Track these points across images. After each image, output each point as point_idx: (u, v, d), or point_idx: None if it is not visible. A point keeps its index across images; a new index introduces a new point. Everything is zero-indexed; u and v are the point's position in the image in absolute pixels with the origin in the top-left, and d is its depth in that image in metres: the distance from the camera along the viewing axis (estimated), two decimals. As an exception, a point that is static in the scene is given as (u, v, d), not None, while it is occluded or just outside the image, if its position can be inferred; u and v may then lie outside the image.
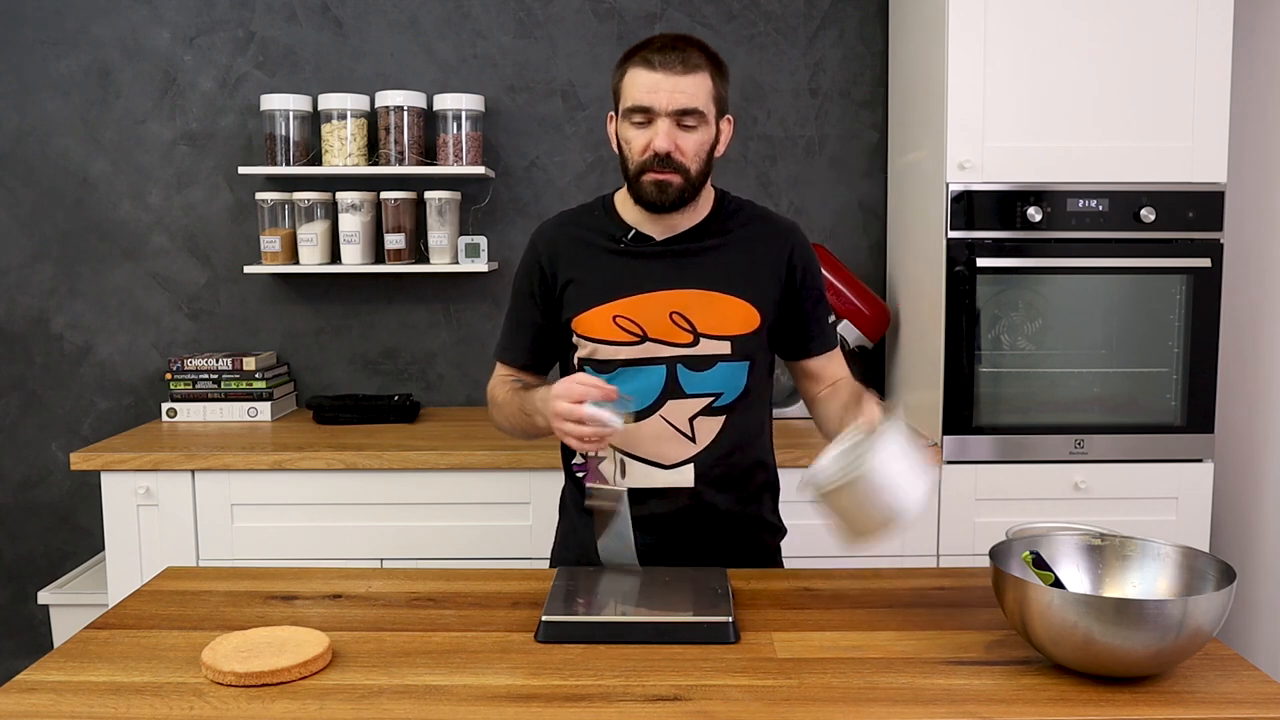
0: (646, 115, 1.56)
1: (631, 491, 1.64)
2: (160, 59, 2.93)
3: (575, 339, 1.68)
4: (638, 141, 1.58)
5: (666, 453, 1.64)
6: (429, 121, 2.85)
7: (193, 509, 2.42)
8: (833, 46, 2.93)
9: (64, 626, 2.68)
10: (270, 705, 1.17)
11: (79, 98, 2.93)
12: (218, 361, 2.78)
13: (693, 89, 1.55)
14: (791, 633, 1.37)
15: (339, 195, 2.82)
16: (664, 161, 1.56)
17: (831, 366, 1.75)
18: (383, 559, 2.41)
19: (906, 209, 2.77)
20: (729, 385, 1.65)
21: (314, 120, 2.85)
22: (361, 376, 3.01)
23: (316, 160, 2.86)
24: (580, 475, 1.72)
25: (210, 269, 2.98)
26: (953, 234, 2.41)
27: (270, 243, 2.82)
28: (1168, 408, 2.49)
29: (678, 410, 1.64)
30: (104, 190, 2.96)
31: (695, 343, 1.63)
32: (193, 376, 2.79)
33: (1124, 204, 2.40)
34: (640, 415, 1.64)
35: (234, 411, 2.79)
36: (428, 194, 2.82)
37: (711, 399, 1.64)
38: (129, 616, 1.45)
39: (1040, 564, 1.30)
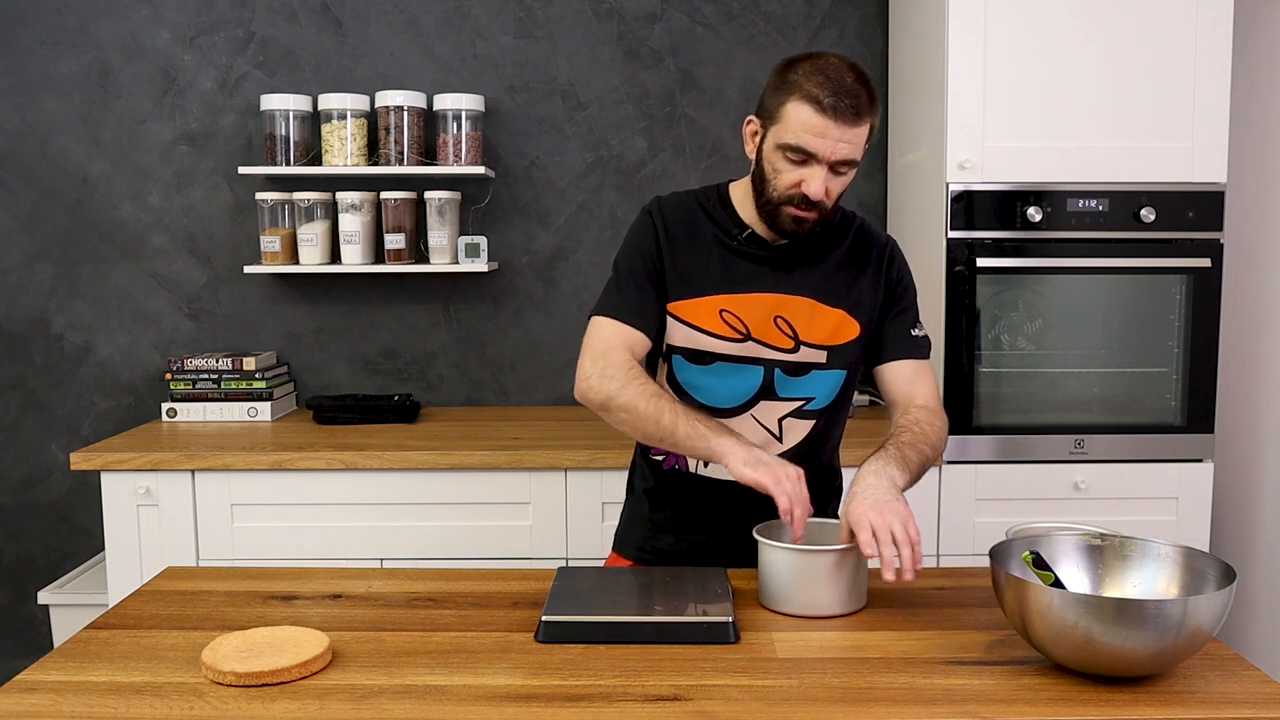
0: (805, 156, 1.53)
1: (710, 482, 1.67)
2: (160, 59, 2.93)
3: (672, 325, 1.65)
4: (787, 176, 1.55)
5: None
6: (429, 121, 2.85)
7: (193, 509, 2.42)
8: (833, 47, 2.93)
9: (64, 626, 2.68)
10: (270, 705, 1.17)
11: (79, 98, 2.93)
12: (218, 361, 2.78)
13: (858, 139, 1.53)
14: (791, 633, 1.37)
15: (339, 195, 2.82)
16: (809, 203, 1.54)
17: (914, 383, 1.68)
18: (383, 559, 2.41)
19: (906, 209, 2.77)
20: (822, 392, 1.66)
21: (314, 120, 2.85)
22: (361, 376, 3.01)
23: (316, 160, 2.86)
24: (659, 458, 1.73)
25: (210, 269, 2.98)
26: (953, 234, 2.41)
27: (270, 243, 2.82)
28: (1168, 408, 2.49)
29: (769, 410, 1.65)
30: (104, 190, 2.96)
31: (796, 349, 1.63)
32: (193, 376, 2.79)
33: (1124, 204, 2.40)
34: (734, 411, 1.65)
35: (234, 411, 2.79)
36: (428, 194, 2.82)
37: (803, 403, 1.66)
38: (129, 616, 1.45)
39: (1040, 564, 1.30)
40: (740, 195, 1.68)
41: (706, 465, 1.68)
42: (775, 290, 1.63)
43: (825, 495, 1.75)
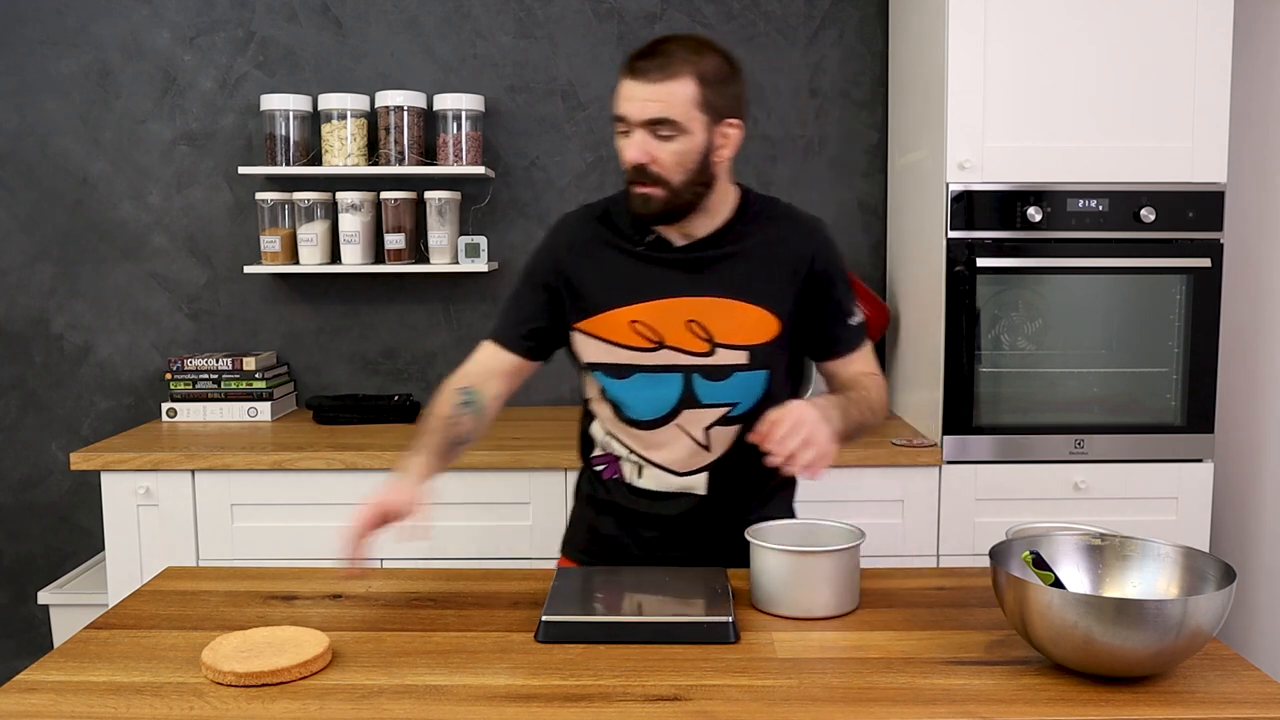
0: (625, 125, 1.52)
1: (647, 492, 1.66)
2: (160, 59, 2.93)
3: (585, 341, 1.64)
4: (622, 153, 1.54)
5: (681, 460, 1.63)
6: (429, 121, 2.85)
7: (193, 509, 2.42)
8: (833, 46, 2.93)
9: (64, 626, 2.68)
10: (270, 705, 1.17)
11: (79, 98, 2.93)
12: (218, 361, 2.78)
13: (664, 97, 1.48)
14: (791, 633, 1.37)
15: (339, 195, 2.82)
16: (642, 173, 1.51)
17: (854, 366, 1.70)
18: (383, 559, 2.41)
19: (906, 209, 2.77)
20: (746, 394, 1.62)
21: (314, 120, 2.85)
22: (361, 376, 3.01)
23: (316, 160, 2.86)
24: (600, 469, 1.72)
25: (210, 269, 2.98)
26: (953, 234, 2.41)
27: (270, 243, 2.82)
28: (1168, 408, 2.49)
29: (693, 420, 1.62)
30: (104, 190, 2.96)
31: (712, 352, 1.60)
32: (193, 376, 2.79)
33: (1124, 204, 2.40)
34: (657, 423, 1.63)
35: (234, 411, 2.79)
36: (428, 194, 2.82)
37: (728, 409, 1.62)
38: (129, 616, 1.45)
39: (1040, 564, 1.30)
40: None
41: (641, 475, 1.66)
42: (686, 293, 1.59)
43: (772, 493, 1.71)
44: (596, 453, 1.72)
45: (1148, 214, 2.39)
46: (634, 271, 1.61)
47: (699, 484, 1.64)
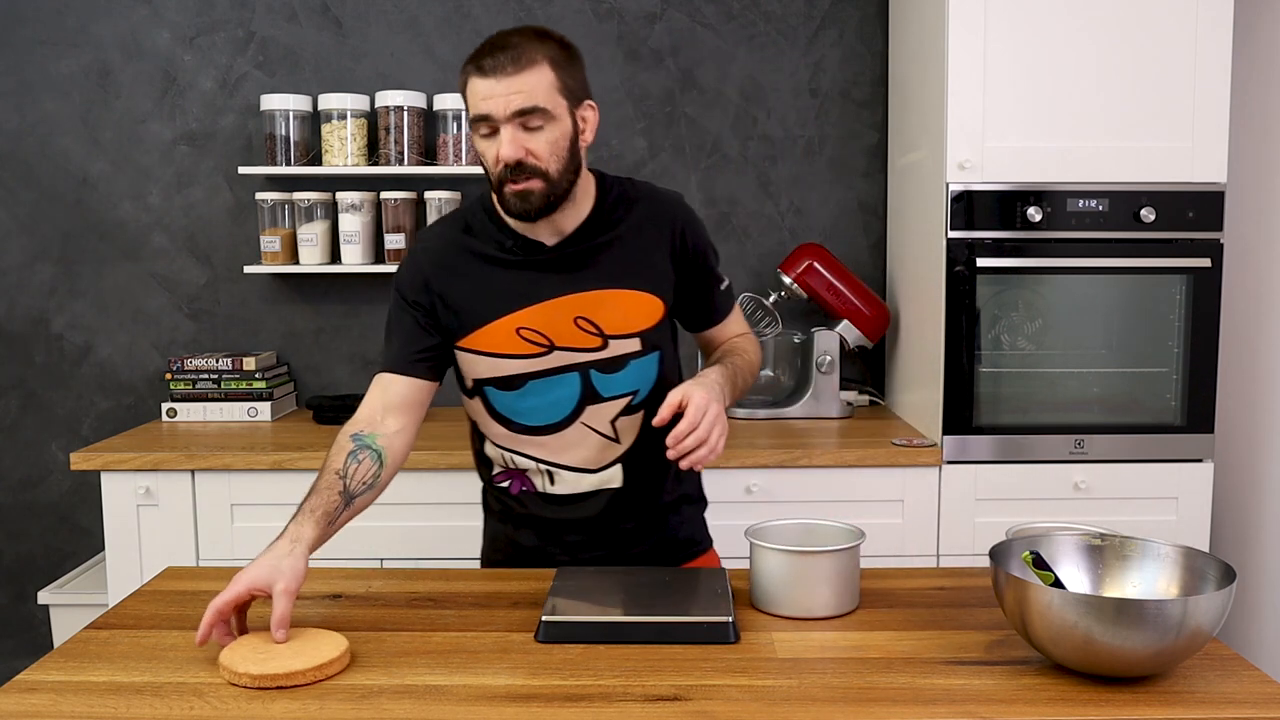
0: (490, 125, 1.47)
1: (564, 497, 1.64)
2: (160, 59, 2.93)
3: (469, 359, 1.61)
4: (489, 154, 1.49)
5: (593, 458, 1.63)
6: (429, 121, 2.85)
7: (193, 509, 2.42)
8: (833, 46, 2.93)
9: (64, 626, 2.68)
10: (270, 705, 1.16)
11: (79, 98, 2.93)
12: (218, 361, 2.78)
13: (527, 88, 1.45)
14: (791, 633, 1.36)
15: (339, 195, 2.82)
16: (519, 169, 1.47)
17: (729, 329, 1.76)
18: (383, 559, 2.41)
19: (906, 209, 2.77)
20: (643, 380, 1.62)
21: (314, 120, 2.85)
22: (361, 376, 3.01)
23: (316, 160, 2.86)
24: (505, 485, 1.69)
25: (210, 269, 2.98)
26: (953, 234, 2.41)
27: (270, 243, 2.82)
28: (1168, 408, 2.49)
29: (597, 415, 1.61)
30: (104, 190, 2.96)
31: (604, 345, 1.58)
32: (193, 376, 2.79)
33: (1124, 204, 2.40)
34: (561, 425, 1.61)
35: (234, 411, 2.79)
36: (428, 194, 2.82)
37: (629, 398, 1.61)
38: (129, 616, 1.45)
39: (1040, 564, 1.30)
40: None
41: (554, 482, 1.65)
42: (568, 291, 1.56)
43: (681, 472, 1.66)
44: (497, 470, 1.70)
45: (1148, 214, 2.39)
46: (510, 278, 1.57)
47: (614, 477, 1.64)
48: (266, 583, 1.30)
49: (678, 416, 1.45)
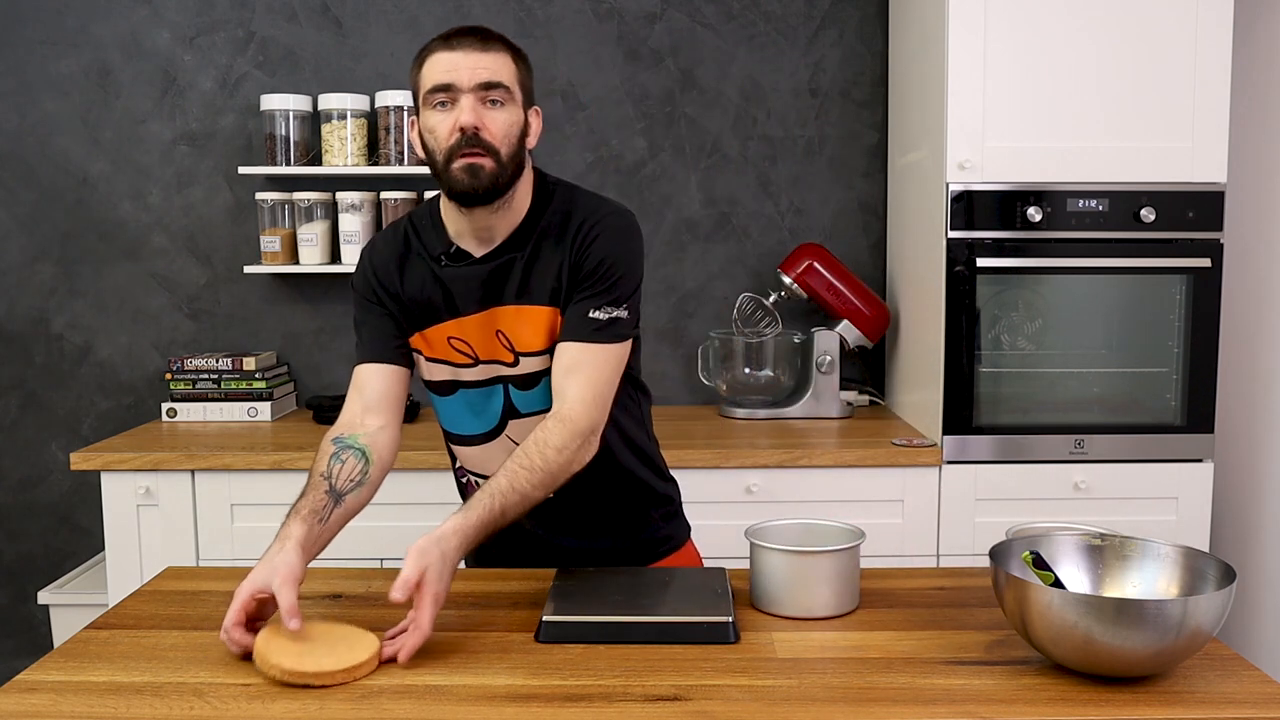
0: (449, 94, 1.45)
1: None
2: (160, 59, 2.93)
3: (417, 357, 1.61)
4: (443, 126, 1.46)
5: None
6: (429, 121, 2.85)
7: (193, 509, 2.42)
8: (833, 46, 2.93)
9: (64, 626, 2.68)
10: (270, 705, 1.17)
11: (79, 98, 2.93)
12: (218, 361, 2.78)
13: (495, 65, 1.46)
14: (791, 633, 1.36)
15: (339, 195, 2.82)
16: (473, 141, 1.45)
17: (567, 361, 1.51)
18: (383, 559, 2.41)
19: (906, 209, 2.77)
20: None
21: (314, 120, 2.85)
22: (361, 376, 3.01)
23: (316, 160, 2.86)
24: (464, 480, 1.72)
25: (210, 269, 2.98)
26: (953, 234, 2.41)
27: (270, 243, 2.82)
28: (1168, 408, 2.49)
29: (520, 429, 1.58)
30: (104, 190, 2.96)
31: (516, 362, 1.56)
32: (193, 376, 2.79)
33: (1124, 204, 2.40)
34: (487, 437, 1.61)
35: (234, 411, 2.79)
36: (428, 194, 2.82)
37: (545, 415, 1.53)
38: (129, 616, 1.45)
39: (1040, 564, 1.30)
40: (447, 206, 1.57)
41: None
42: (487, 305, 1.55)
43: (636, 505, 1.68)
44: (459, 464, 1.72)
45: (1148, 214, 2.39)
46: (443, 288, 1.57)
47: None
48: (265, 583, 1.30)
49: None
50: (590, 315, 1.51)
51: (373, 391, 1.60)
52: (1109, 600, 1.15)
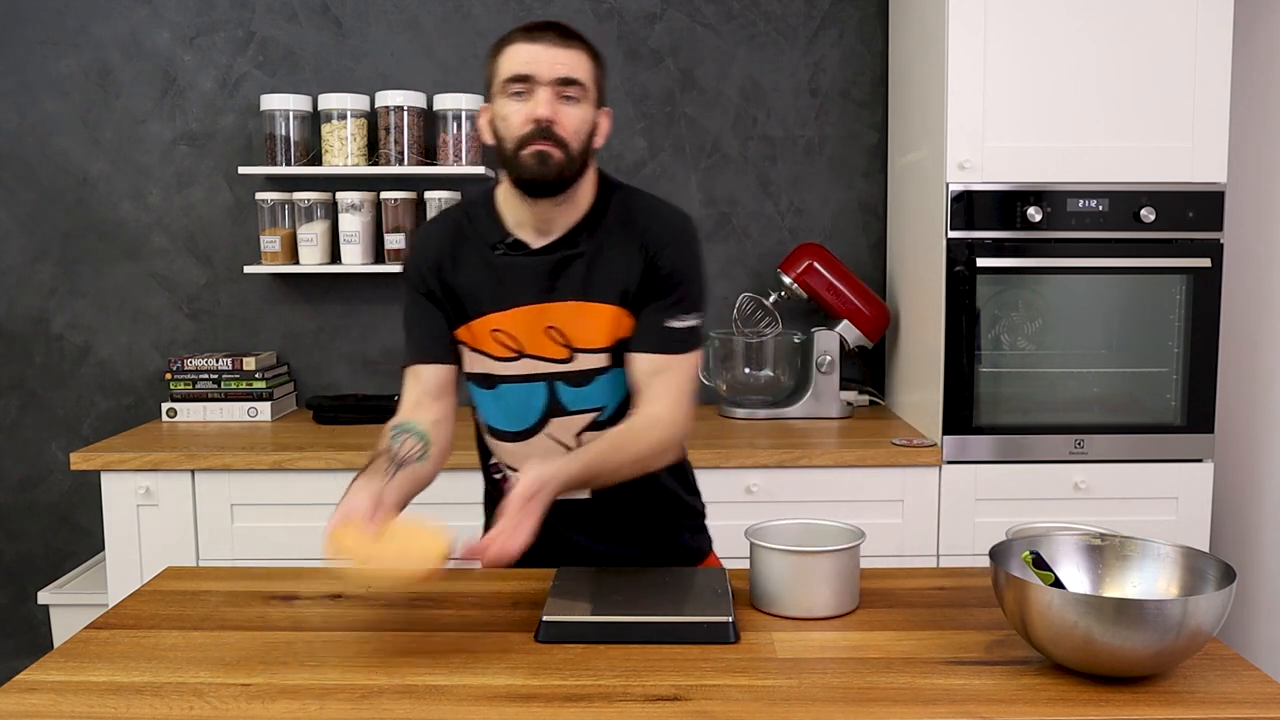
0: (526, 85, 1.47)
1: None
2: (160, 59, 2.93)
3: (462, 350, 1.61)
4: (517, 115, 1.47)
5: None
6: (429, 121, 2.85)
7: (193, 509, 2.42)
8: (833, 46, 2.93)
9: (64, 626, 2.68)
10: (270, 705, 1.17)
11: (79, 98, 2.93)
12: (218, 361, 2.78)
13: (574, 61, 1.49)
14: (791, 633, 1.36)
15: (339, 195, 2.82)
16: (545, 133, 1.46)
17: (648, 373, 1.53)
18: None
19: (906, 209, 2.77)
20: (611, 398, 1.58)
21: (314, 120, 2.85)
22: (361, 376, 3.01)
23: (316, 160, 2.86)
24: (498, 477, 1.71)
25: (210, 269, 2.98)
26: (953, 234, 2.41)
27: (270, 243, 2.82)
28: (1168, 408, 2.49)
29: (563, 427, 1.59)
30: (104, 190, 2.96)
31: (571, 359, 1.55)
32: (193, 376, 2.79)
33: (1124, 204, 2.40)
34: (527, 434, 1.60)
35: (234, 411, 2.79)
36: (428, 194, 2.83)
37: (595, 413, 1.58)
38: (129, 616, 1.45)
39: (1040, 564, 1.30)
40: (505, 195, 1.57)
41: None
42: (541, 300, 1.54)
43: (668, 516, 1.70)
44: (493, 460, 1.71)
45: (1148, 214, 2.39)
46: (495, 277, 1.56)
47: (581, 490, 1.58)
48: (340, 521, 1.33)
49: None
50: (668, 325, 1.54)
51: (425, 389, 1.60)
52: (1109, 600, 1.15)
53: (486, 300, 1.56)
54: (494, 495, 1.74)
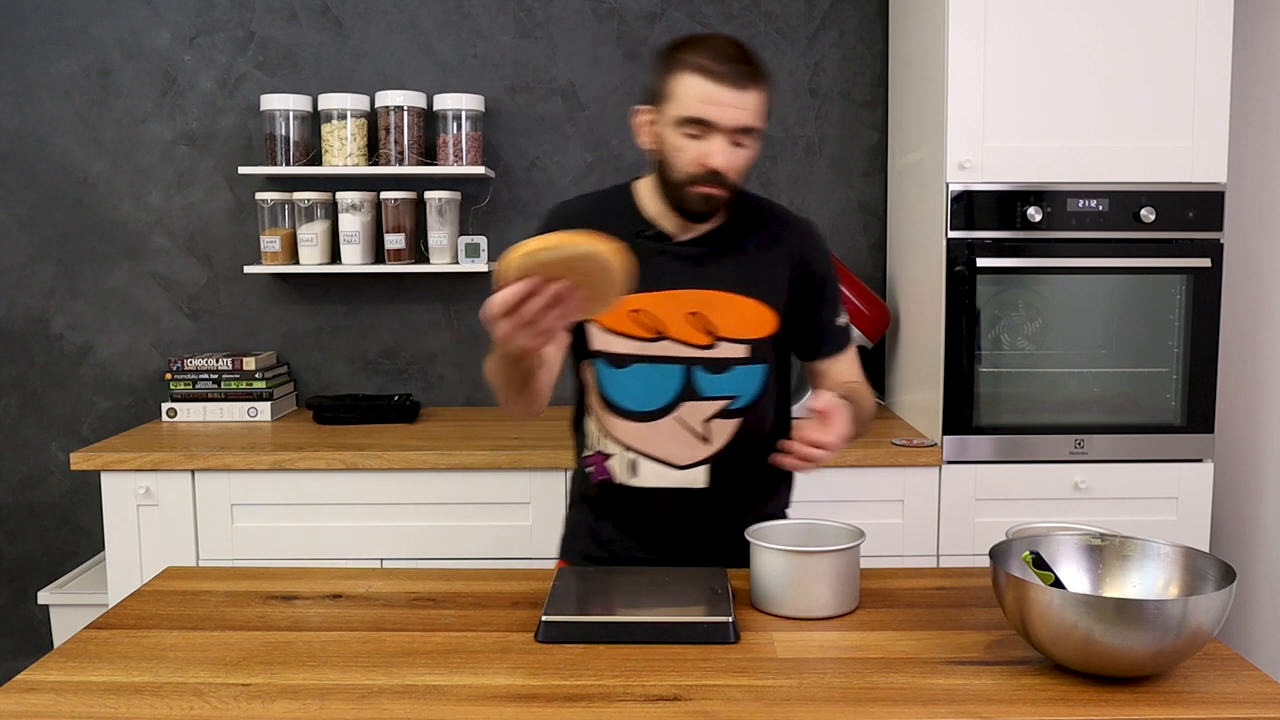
0: (705, 129, 1.50)
1: (643, 491, 1.64)
2: (160, 59, 2.93)
3: (588, 326, 1.64)
4: (689, 153, 1.52)
5: (680, 454, 1.63)
6: (429, 121, 2.85)
7: (193, 509, 2.42)
8: (833, 46, 2.93)
9: (64, 626, 2.68)
10: (270, 705, 1.17)
11: (79, 98, 2.93)
12: (218, 361, 2.78)
13: (753, 106, 1.51)
14: (791, 633, 1.37)
15: (339, 195, 2.82)
16: (716, 179, 1.52)
17: (840, 367, 1.72)
18: (383, 559, 2.42)
19: (906, 209, 2.77)
20: (745, 388, 1.63)
21: (314, 120, 2.85)
22: (361, 376, 3.01)
23: (316, 160, 2.86)
24: (589, 469, 1.71)
25: (210, 269, 2.98)
26: (953, 234, 2.41)
27: (270, 243, 2.82)
28: (1168, 408, 2.49)
29: (693, 412, 1.62)
30: (104, 190, 2.96)
31: (713, 345, 1.61)
32: (193, 376, 2.79)
33: (1124, 204, 2.40)
34: (655, 415, 1.63)
35: (234, 411, 2.79)
36: (428, 194, 2.83)
37: (727, 401, 1.63)
38: (129, 616, 1.45)
39: (1040, 564, 1.30)
40: (645, 192, 1.65)
41: (636, 473, 1.64)
42: (688, 285, 1.60)
43: (773, 490, 1.74)
44: (587, 451, 1.72)
45: (1148, 214, 2.39)
46: (635, 261, 1.59)
47: (698, 478, 1.64)
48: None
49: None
50: (838, 324, 1.70)
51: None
52: (1109, 600, 1.15)
53: None
54: (585, 488, 1.75)
